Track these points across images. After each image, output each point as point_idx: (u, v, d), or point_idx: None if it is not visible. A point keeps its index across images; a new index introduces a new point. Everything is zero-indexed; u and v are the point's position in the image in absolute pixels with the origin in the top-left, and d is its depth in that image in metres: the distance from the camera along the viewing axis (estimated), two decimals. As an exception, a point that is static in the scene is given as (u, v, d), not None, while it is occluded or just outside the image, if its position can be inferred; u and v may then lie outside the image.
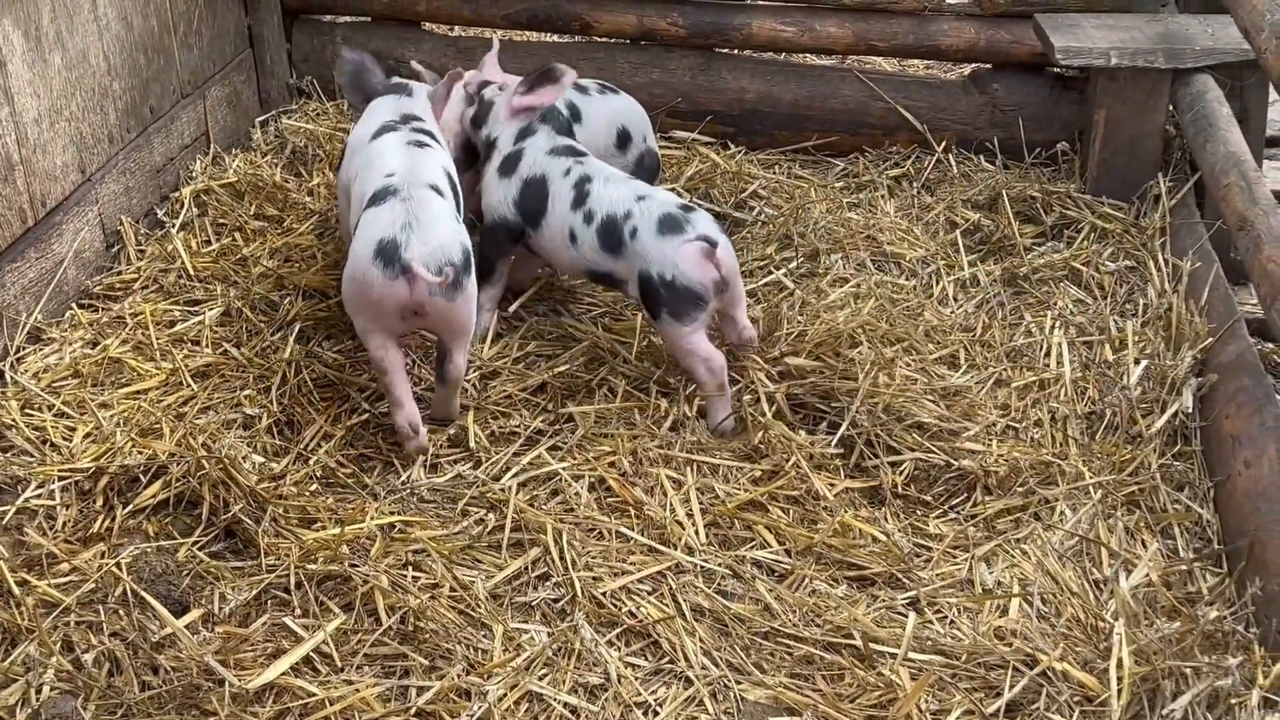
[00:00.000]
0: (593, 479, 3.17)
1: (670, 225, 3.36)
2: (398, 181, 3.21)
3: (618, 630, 2.77)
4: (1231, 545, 2.98)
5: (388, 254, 3.07)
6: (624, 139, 4.11)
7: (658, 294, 3.34)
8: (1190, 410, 3.37)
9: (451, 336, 3.23)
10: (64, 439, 3.24)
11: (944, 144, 4.74)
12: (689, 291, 3.32)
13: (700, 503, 3.11)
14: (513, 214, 3.63)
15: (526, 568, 2.92)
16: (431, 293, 3.08)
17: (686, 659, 2.70)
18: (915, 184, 4.62)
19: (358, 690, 2.58)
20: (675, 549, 2.97)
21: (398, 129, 3.50)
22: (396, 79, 3.83)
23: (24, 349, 3.54)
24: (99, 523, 2.97)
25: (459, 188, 3.46)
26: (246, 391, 3.44)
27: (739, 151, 4.77)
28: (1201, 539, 3.08)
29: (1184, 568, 2.95)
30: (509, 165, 3.66)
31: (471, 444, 3.29)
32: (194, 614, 2.74)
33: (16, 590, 2.76)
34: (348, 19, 5.11)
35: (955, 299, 3.97)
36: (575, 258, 3.54)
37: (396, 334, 3.21)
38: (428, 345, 3.58)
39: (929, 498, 3.20)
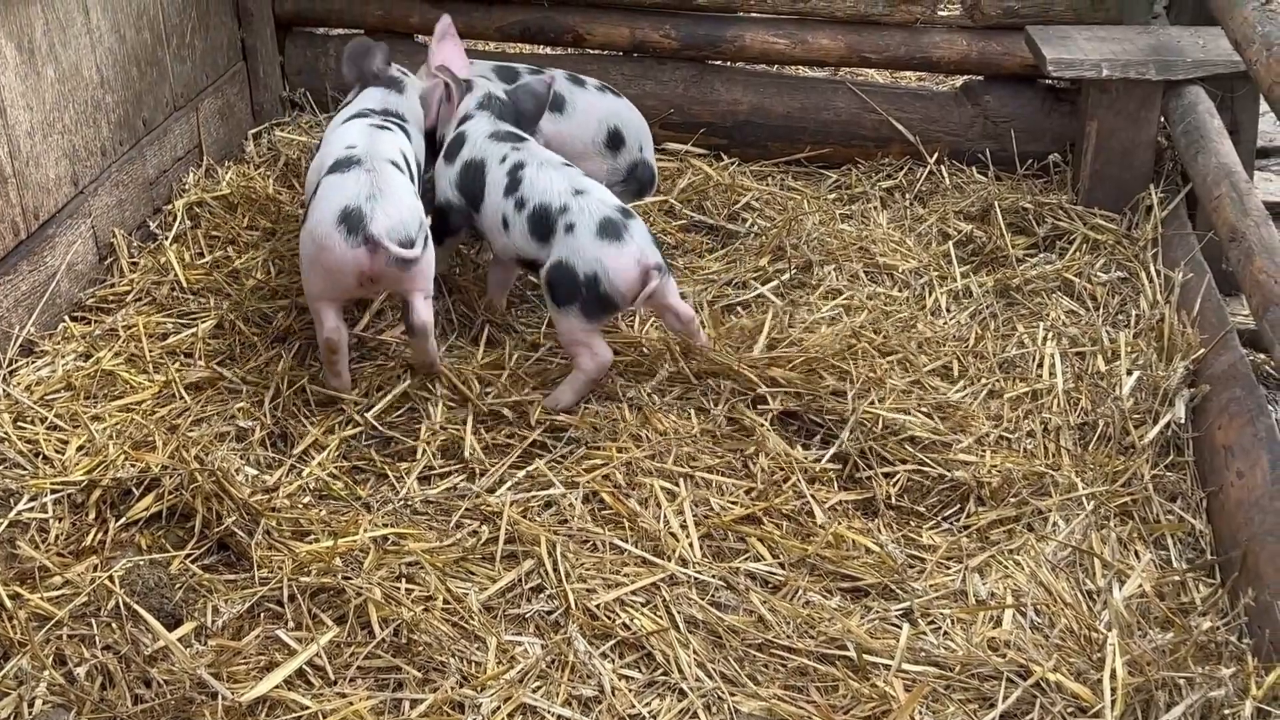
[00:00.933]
0: (586, 491, 3.17)
1: (610, 230, 3.38)
2: (359, 154, 3.35)
3: (612, 642, 2.77)
4: (1224, 556, 2.98)
5: (351, 221, 3.19)
6: (615, 141, 4.13)
7: (576, 290, 3.38)
8: (1183, 421, 3.38)
9: (408, 292, 3.33)
10: (57, 452, 3.23)
11: (936, 155, 4.75)
12: (609, 299, 3.38)
13: (694, 515, 3.11)
14: (456, 197, 3.69)
15: (520, 580, 2.92)
16: (389, 262, 3.19)
17: (680, 671, 2.69)
18: (908, 195, 4.63)
19: (351, 703, 2.58)
20: (669, 561, 2.97)
21: (368, 117, 3.61)
22: (396, 71, 3.90)
23: (16, 362, 3.54)
24: (92, 535, 2.97)
25: (417, 171, 3.59)
26: (240, 404, 3.44)
27: (732, 163, 4.78)
28: (1194, 549, 3.09)
29: (1177, 578, 2.95)
30: (451, 150, 3.73)
31: (467, 454, 3.28)
32: (187, 627, 2.74)
33: (9, 603, 2.75)
34: (341, 31, 5.12)
35: (948, 310, 3.97)
36: (505, 244, 3.59)
37: (346, 299, 3.36)
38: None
39: (922, 508, 3.20)
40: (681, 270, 4.08)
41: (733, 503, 3.16)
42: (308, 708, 2.56)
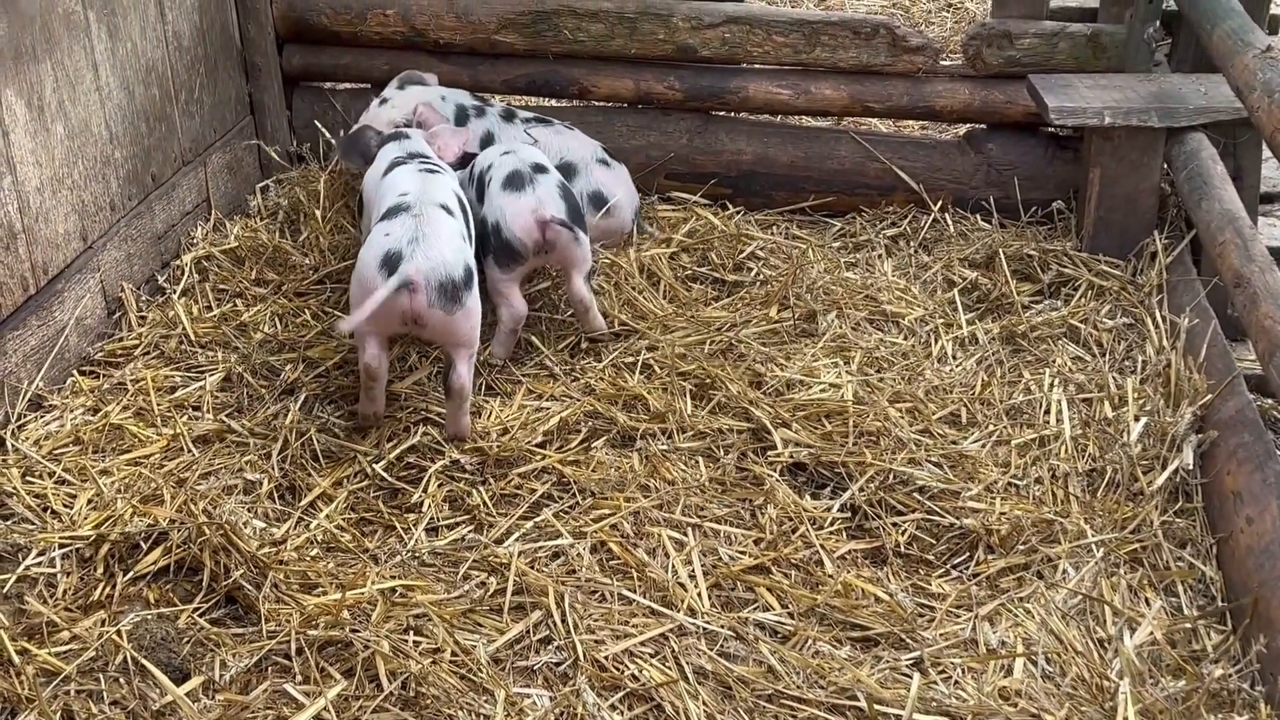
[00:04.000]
0: (594, 541, 3.17)
1: (514, 182, 3.78)
2: (410, 200, 3.48)
3: (621, 694, 2.76)
4: (1235, 603, 2.97)
5: (392, 264, 3.29)
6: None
7: (487, 239, 3.77)
8: (1191, 467, 3.37)
9: (452, 347, 3.44)
10: (65, 506, 3.23)
11: (940, 203, 4.77)
12: (508, 245, 3.74)
13: (703, 564, 3.11)
14: None
15: (528, 631, 2.91)
16: (430, 304, 3.30)
17: (690, 722, 2.68)
18: (912, 243, 4.65)
19: (359, 757, 2.57)
20: (678, 611, 2.96)
21: (407, 163, 3.78)
22: (394, 129, 4.09)
23: (25, 416, 3.55)
24: (99, 590, 2.96)
25: (469, 210, 3.73)
26: (247, 457, 3.45)
27: (738, 212, 4.80)
28: (1205, 596, 3.07)
29: (1188, 625, 2.94)
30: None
31: (476, 502, 3.28)
32: (195, 681, 2.73)
33: (17, 659, 2.74)
34: (348, 86, 5.16)
35: (954, 357, 3.98)
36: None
37: (391, 336, 3.46)
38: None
39: (931, 557, 3.19)
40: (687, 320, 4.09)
41: (741, 552, 3.16)
42: (316, 762, 2.55)
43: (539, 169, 3.84)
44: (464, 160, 4.03)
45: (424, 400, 3.64)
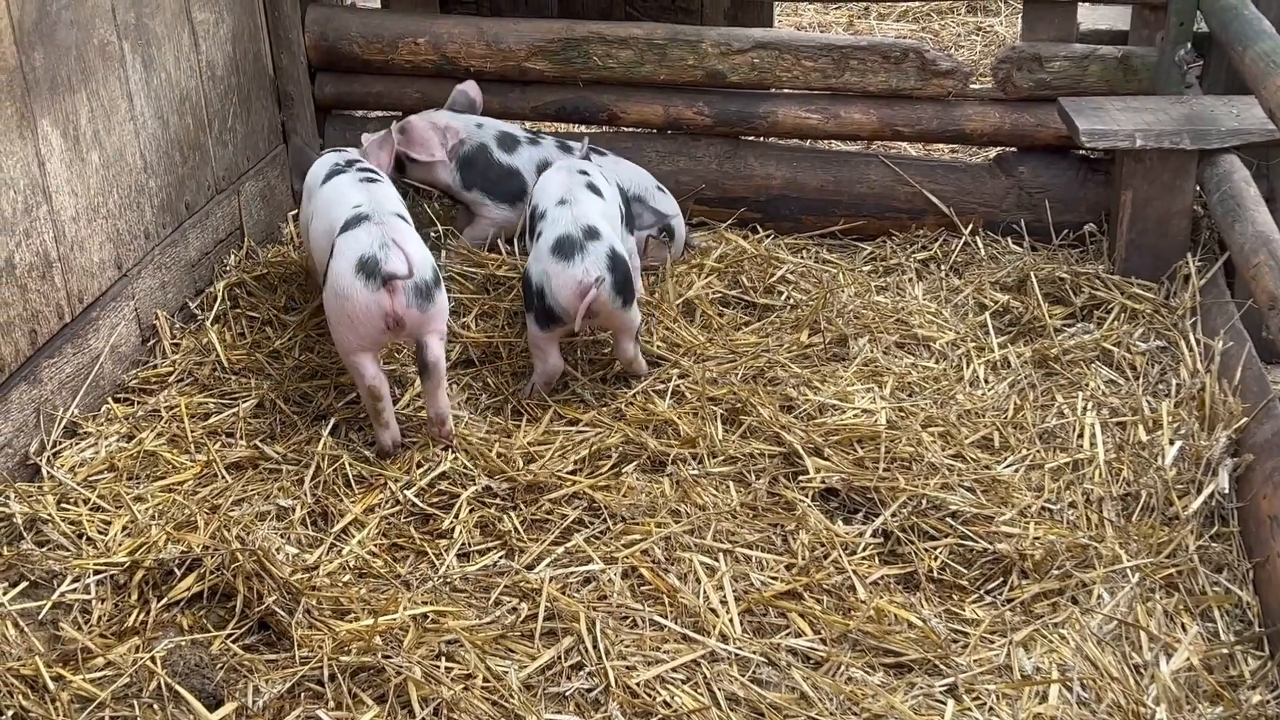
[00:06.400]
0: (625, 566, 3.16)
1: (563, 249, 3.65)
2: (366, 210, 3.56)
3: (653, 720, 2.75)
4: (1273, 628, 2.94)
5: (369, 268, 3.39)
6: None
7: (531, 299, 3.70)
8: (1227, 491, 3.34)
9: (425, 334, 3.50)
10: (100, 532, 3.26)
11: (971, 227, 4.76)
12: (550, 311, 3.66)
13: (734, 590, 3.10)
14: None
15: (559, 657, 2.91)
16: (408, 305, 3.39)
17: (722, 749, 2.67)
18: (943, 267, 4.64)
19: (392, 784, 2.57)
20: (709, 637, 2.95)
21: (345, 171, 3.87)
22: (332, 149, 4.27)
23: (61, 443, 3.57)
24: (134, 616, 2.98)
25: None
26: (280, 483, 3.46)
27: (768, 235, 4.80)
28: (1242, 621, 3.04)
29: (1225, 651, 2.92)
30: None
31: (507, 527, 3.29)
32: (228, 708, 2.74)
33: (52, 685, 2.76)
34: (380, 114, 5.20)
35: (986, 381, 3.96)
36: None
37: (378, 348, 3.51)
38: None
39: (964, 582, 3.17)
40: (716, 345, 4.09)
41: (773, 578, 3.15)
42: (348, 789, 2.55)
43: (591, 234, 3.67)
44: (398, 166, 4.35)
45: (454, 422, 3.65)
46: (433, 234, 4.61)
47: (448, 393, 3.58)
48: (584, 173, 3.97)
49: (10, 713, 2.70)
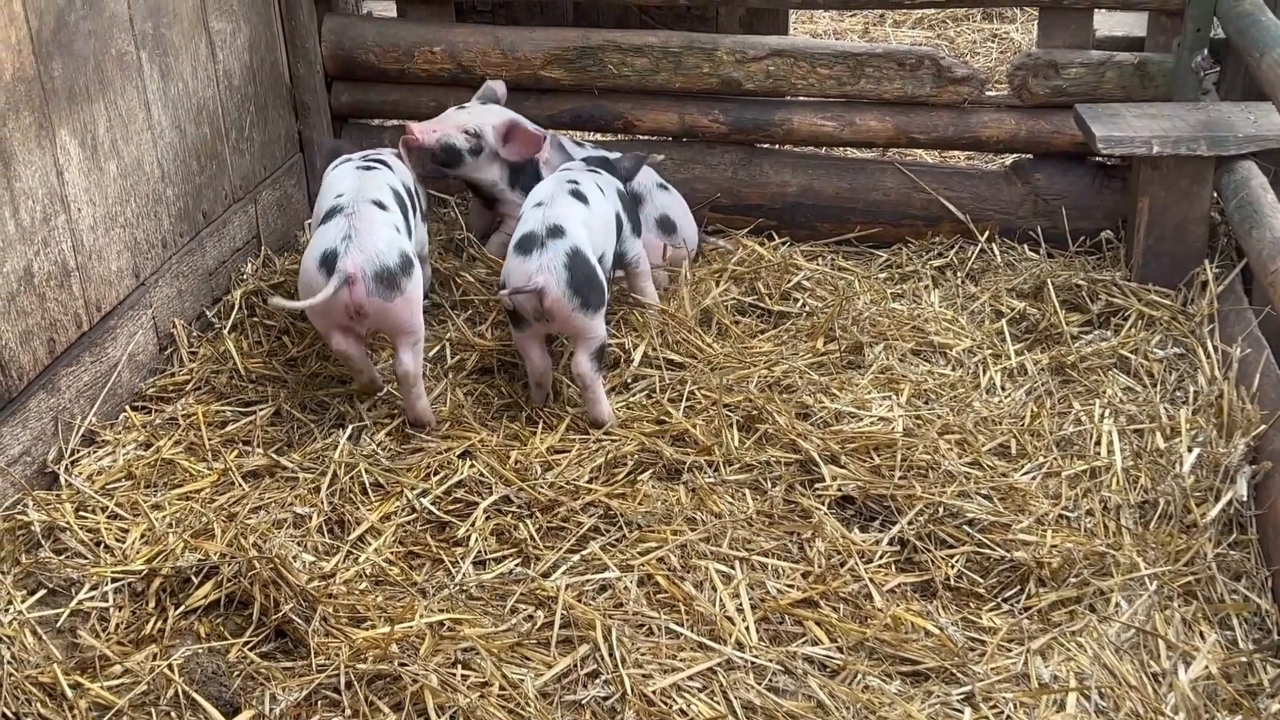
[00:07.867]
0: (641, 574, 3.16)
1: (523, 245, 3.65)
2: (344, 200, 3.66)
3: (669, 728, 2.75)
4: (1292, 636, 2.93)
5: (329, 263, 3.50)
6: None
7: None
8: (1245, 498, 3.33)
9: (395, 335, 3.63)
10: (117, 540, 3.27)
11: (987, 234, 4.75)
12: (510, 309, 3.67)
13: (750, 598, 3.09)
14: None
15: (576, 665, 2.91)
16: (370, 294, 3.49)
17: (739, 757, 2.67)
18: (959, 274, 4.63)
19: (408, 792, 2.57)
20: (726, 645, 2.95)
21: (349, 161, 3.96)
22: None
23: (79, 451, 3.59)
24: (151, 624, 2.99)
25: (415, 201, 3.97)
26: (297, 491, 3.47)
27: (784, 242, 4.80)
28: (1261, 630, 3.03)
29: (1244, 660, 2.90)
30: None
31: (523, 535, 3.29)
32: (245, 715, 2.74)
33: (70, 693, 2.77)
34: (396, 122, 5.21)
35: (1003, 388, 3.96)
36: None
37: (349, 331, 3.61)
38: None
39: (981, 590, 3.16)
40: (734, 352, 4.09)
41: (789, 586, 3.14)
42: (365, 797, 2.56)
43: (555, 232, 3.62)
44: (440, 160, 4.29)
45: (467, 432, 3.66)
46: (457, 236, 4.64)
47: (426, 399, 3.71)
48: (572, 180, 3.94)
49: (29, 720, 2.71)
